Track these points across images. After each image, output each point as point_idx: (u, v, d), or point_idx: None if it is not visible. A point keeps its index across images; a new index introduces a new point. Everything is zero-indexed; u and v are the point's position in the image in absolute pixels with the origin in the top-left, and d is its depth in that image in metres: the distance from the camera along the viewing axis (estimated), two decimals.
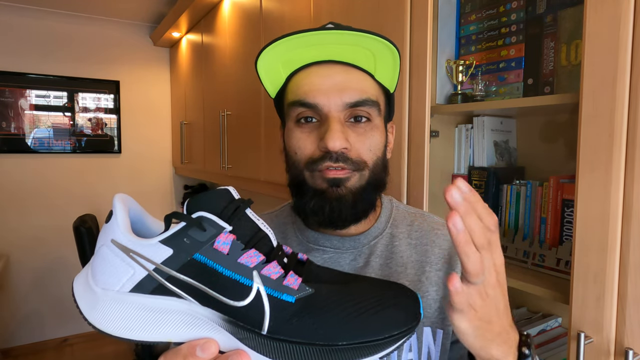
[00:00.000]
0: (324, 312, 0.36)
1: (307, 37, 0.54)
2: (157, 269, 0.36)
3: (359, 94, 0.57)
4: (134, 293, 0.37)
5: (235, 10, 2.08)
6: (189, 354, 0.36)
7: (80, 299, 0.39)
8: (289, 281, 0.37)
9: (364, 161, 0.58)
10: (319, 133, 0.57)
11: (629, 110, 0.65)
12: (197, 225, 0.36)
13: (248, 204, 0.39)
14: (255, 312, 0.35)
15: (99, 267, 0.38)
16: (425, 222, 0.69)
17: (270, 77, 0.60)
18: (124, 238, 0.37)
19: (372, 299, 0.37)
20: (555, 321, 1.05)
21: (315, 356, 0.35)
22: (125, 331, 0.37)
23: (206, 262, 0.36)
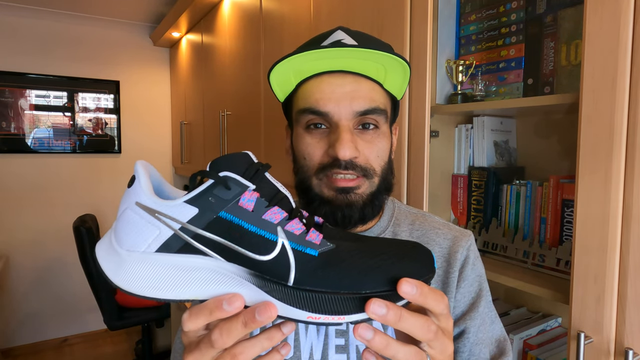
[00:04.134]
0: (346, 264, 0.37)
1: (322, 52, 0.55)
2: (183, 227, 0.37)
3: (369, 102, 0.58)
4: (160, 253, 0.37)
5: (235, 10, 2.08)
6: (215, 308, 0.37)
7: (104, 262, 0.39)
8: (311, 237, 0.38)
9: (373, 168, 0.59)
10: (329, 140, 0.58)
11: (629, 110, 0.65)
12: (222, 184, 0.37)
13: (267, 167, 0.41)
14: (281, 265, 0.36)
15: (123, 230, 0.38)
16: (426, 222, 0.69)
17: (280, 84, 0.61)
18: (149, 200, 0.38)
19: (390, 252, 0.39)
20: (555, 321, 1.05)
21: (340, 304, 0.36)
22: (152, 290, 0.37)
23: (232, 220, 0.37)
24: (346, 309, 0.36)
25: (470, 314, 0.63)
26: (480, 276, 0.67)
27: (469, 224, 1.11)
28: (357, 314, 0.36)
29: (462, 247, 0.65)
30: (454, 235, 0.67)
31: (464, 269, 0.64)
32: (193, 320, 0.38)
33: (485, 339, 0.63)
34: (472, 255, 0.66)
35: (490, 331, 0.65)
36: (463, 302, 0.64)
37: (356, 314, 0.36)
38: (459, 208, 1.14)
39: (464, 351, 0.61)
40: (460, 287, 0.64)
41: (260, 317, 0.36)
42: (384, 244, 0.40)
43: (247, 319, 0.36)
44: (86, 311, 3.13)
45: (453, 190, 1.15)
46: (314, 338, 0.60)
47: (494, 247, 1.03)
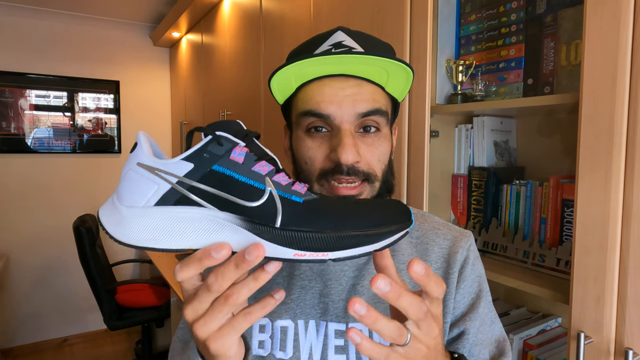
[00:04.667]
0: (329, 209, 0.41)
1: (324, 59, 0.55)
2: (179, 181, 0.40)
3: (371, 104, 0.58)
4: (159, 206, 0.40)
5: (235, 10, 2.08)
6: (204, 256, 0.39)
7: (106, 221, 0.42)
8: (297, 187, 0.42)
9: (375, 173, 0.59)
10: (330, 144, 0.57)
11: (629, 110, 0.65)
12: (216, 140, 0.41)
13: (256, 134, 0.44)
14: (269, 210, 0.40)
15: (125, 189, 0.41)
16: (426, 222, 0.69)
17: (281, 88, 0.61)
18: (149, 160, 0.41)
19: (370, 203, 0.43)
20: (555, 321, 1.05)
21: (323, 242, 0.39)
22: (150, 241, 0.40)
23: (224, 171, 0.41)
24: (329, 246, 0.39)
25: (469, 315, 0.63)
26: (480, 277, 0.67)
27: (469, 224, 1.11)
28: (339, 251, 0.40)
29: (461, 248, 0.65)
30: (454, 235, 0.67)
31: (463, 270, 0.64)
32: (184, 269, 0.40)
33: (485, 340, 0.63)
34: (472, 256, 0.66)
35: (489, 331, 0.65)
36: (463, 303, 0.64)
37: (338, 250, 0.40)
38: (459, 208, 1.14)
39: (463, 352, 0.61)
40: (460, 288, 0.64)
41: (249, 256, 0.38)
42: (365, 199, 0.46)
43: (238, 260, 0.39)
44: (86, 311, 3.13)
45: (453, 190, 1.15)
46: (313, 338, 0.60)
47: (494, 247, 1.03)
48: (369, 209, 0.42)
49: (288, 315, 0.61)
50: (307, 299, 0.61)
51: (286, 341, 0.60)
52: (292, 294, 0.62)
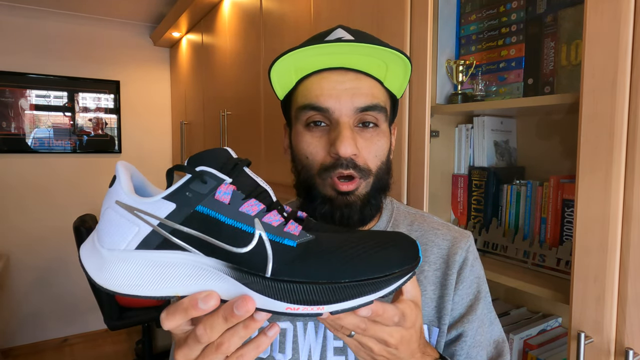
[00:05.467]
0: (325, 254, 0.37)
1: (324, 47, 0.55)
2: (161, 223, 0.37)
3: (370, 99, 0.58)
4: (140, 250, 0.38)
5: (235, 10, 2.08)
6: (190, 306, 0.37)
7: (87, 263, 0.39)
8: (290, 228, 0.38)
9: (369, 168, 0.59)
10: (329, 138, 0.58)
11: (629, 110, 0.65)
12: (199, 178, 0.38)
13: (246, 162, 0.41)
14: (259, 257, 0.37)
15: (104, 229, 0.39)
16: (425, 222, 0.69)
17: (281, 81, 0.61)
18: (128, 198, 0.38)
19: (371, 242, 0.38)
20: (555, 321, 1.05)
21: (318, 294, 0.36)
22: (132, 288, 0.38)
23: (209, 213, 0.37)
24: (325, 298, 0.36)
25: (468, 317, 0.62)
26: (478, 278, 0.66)
27: (469, 224, 1.11)
28: (337, 303, 0.36)
29: (461, 249, 0.65)
30: (453, 236, 0.67)
31: (462, 271, 0.64)
32: (170, 319, 0.39)
33: (483, 341, 0.63)
34: (471, 257, 0.66)
35: (488, 332, 0.65)
36: (461, 304, 0.64)
37: (335, 303, 0.36)
38: (459, 208, 1.14)
39: (461, 354, 0.61)
40: (458, 289, 0.63)
41: (238, 311, 0.36)
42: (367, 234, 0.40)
43: (226, 314, 0.37)
44: (86, 311, 3.13)
45: (453, 190, 1.15)
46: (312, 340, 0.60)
47: (494, 247, 1.03)
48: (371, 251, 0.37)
49: (286, 318, 0.61)
50: None
51: (285, 343, 0.60)
52: None
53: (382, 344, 0.43)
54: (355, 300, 0.36)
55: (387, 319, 0.40)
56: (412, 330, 0.44)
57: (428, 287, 0.63)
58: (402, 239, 0.40)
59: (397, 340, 0.43)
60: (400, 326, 0.43)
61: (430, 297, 0.63)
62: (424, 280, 0.63)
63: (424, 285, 0.63)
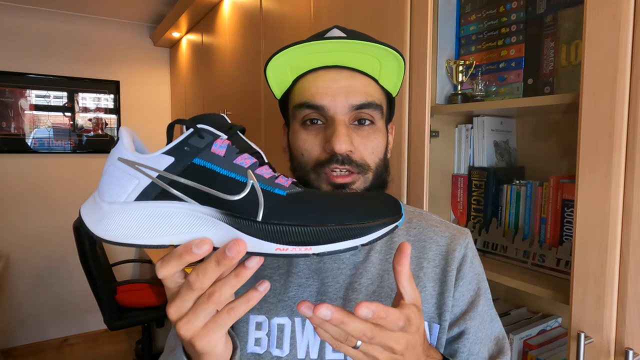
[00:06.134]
0: (313, 202, 0.40)
1: (318, 45, 0.56)
2: (160, 175, 0.39)
3: (365, 96, 0.58)
4: (139, 201, 0.39)
5: (235, 10, 2.08)
6: (184, 252, 0.38)
7: (87, 217, 0.41)
8: (280, 181, 0.41)
9: (367, 164, 0.60)
10: (325, 135, 0.58)
11: (629, 110, 0.65)
12: (197, 133, 0.40)
13: (240, 127, 0.44)
14: (251, 204, 0.39)
15: (105, 184, 0.41)
16: (424, 220, 0.69)
17: (277, 80, 0.62)
18: (130, 154, 0.40)
19: (357, 196, 0.42)
20: (555, 321, 1.05)
21: (306, 236, 0.38)
22: (131, 238, 0.39)
23: (205, 165, 0.39)
24: (312, 240, 0.38)
25: (469, 314, 0.63)
26: (478, 274, 0.67)
27: (469, 224, 1.11)
28: (323, 244, 0.38)
29: (460, 246, 0.65)
30: (452, 233, 0.67)
31: (462, 267, 0.64)
32: (165, 266, 0.40)
33: (485, 338, 0.63)
34: (470, 254, 0.66)
35: (489, 329, 0.65)
36: (462, 301, 0.64)
37: (322, 245, 0.38)
38: (459, 208, 1.14)
39: (464, 351, 0.61)
40: (459, 286, 0.64)
41: (230, 252, 0.37)
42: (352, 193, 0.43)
43: (219, 257, 0.38)
44: (86, 311, 3.13)
45: (453, 190, 1.15)
46: (310, 336, 0.60)
47: (494, 247, 1.03)
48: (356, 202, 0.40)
49: (285, 313, 0.61)
50: (304, 297, 0.61)
51: (283, 339, 0.60)
52: (289, 292, 0.62)
53: (388, 351, 0.43)
54: (340, 242, 0.38)
55: (391, 323, 0.40)
56: (417, 335, 0.44)
57: (427, 283, 0.63)
58: (387, 197, 0.42)
59: (403, 346, 0.42)
60: (406, 332, 0.42)
61: (430, 294, 0.63)
62: (424, 277, 0.63)
63: (423, 282, 0.63)
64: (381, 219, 0.39)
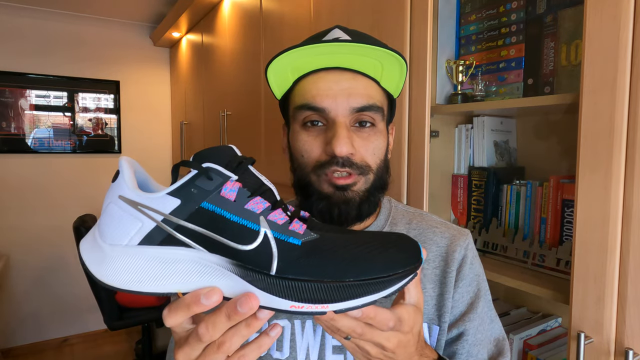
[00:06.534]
0: (330, 253, 0.37)
1: (320, 47, 0.56)
2: (165, 219, 0.37)
3: (366, 99, 0.58)
4: (143, 245, 0.37)
5: (235, 10, 2.08)
6: (192, 302, 0.37)
7: (88, 258, 0.39)
8: (295, 227, 0.38)
9: (369, 165, 0.59)
10: (326, 137, 0.58)
11: (629, 110, 0.65)
12: (204, 174, 0.37)
13: (251, 160, 0.41)
14: (264, 255, 0.36)
15: (106, 224, 0.38)
16: (424, 221, 0.69)
17: (278, 81, 0.62)
18: (132, 193, 0.38)
19: (375, 242, 0.39)
20: (555, 321, 1.05)
21: (323, 293, 0.36)
22: (134, 284, 0.37)
23: (214, 210, 0.37)
24: (329, 297, 0.36)
25: (469, 315, 0.62)
26: (478, 275, 0.66)
27: (469, 224, 1.11)
28: (341, 302, 0.36)
29: (460, 247, 0.65)
30: (452, 234, 0.67)
31: (462, 268, 0.64)
32: (172, 316, 0.38)
33: (484, 339, 0.63)
34: (470, 255, 0.66)
35: (489, 330, 0.65)
36: (462, 302, 0.64)
37: (340, 302, 0.36)
38: (459, 208, 1.14)
39: (463, 352, 0.61)
40: (459, 287, 0.64)
41: (241, 309, 0.36)
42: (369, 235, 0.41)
43: (229, 311, 0.37)
44: (86, 311, 3.13)
45: (453, 190, 1.15)
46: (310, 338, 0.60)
47: (494, 247, 1.03)
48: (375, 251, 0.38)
49: (284, 315, 0.61)
50: None
51: (283, 341, 0.60)
52: None
53: (378, 347, 0.43)
54: (359, 299, 0.36)
55: (380, 323, 0.40)
56: (410, 334, 0.44)
57: (427, 285, 0.63)
58: (405, 241, 0.40)
59: (394, 344, 0.43)
60: (397, 330, 0.42)
61: (430, 295, 0.63)
62: (423, 279, 0.63)
63: (423, 283, 0.63)
64: (402, 270, 0.37)
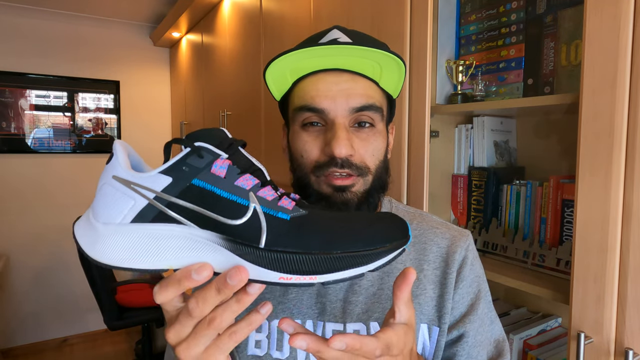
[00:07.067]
0: (318, 227, 0.38)
1: (318, 50, 0.56)
2: (157, 197, 0.38)
3: (365, 99, 0.58)
4: (135, 223, 0.38)
5: (235, 10, 2.08)
6: (183, 277, 0.37)
7: (82, 238, 0.39)
8: (284, 202, 0.39)
9: (368, 166, 0.59)
10: (325, 138, 0.58)
11: (629, 110, 0.65)
12: (195, 153, 0.38)
13: (241, 142, 0.42)
14: (253, 229, 0.37)
15: (100, 204, 0.39)
16: (424, 222, 0.69)
17: (276, 83, 0.62)
18: (125, 173, 0.38)
19: (363, 219, 0.40)
20: (555, 321, 1.05)
21: (311, 264, 0.37)
22: (127, 261, 0.38)
23: (204, 186, 0.38)
24: (317, 268, 0.37)
25: (469, 317, 0.62)
26: (479, 277, 0.66)
27: (469, 224, 1.11)
28: (329, 273, 0.37)
29: (460, 247, 0.65)
30: (453, 235, 0.67)
31: (462, 270, 0.64)
32: (163, 291, 0.39)
33: (484, 341, 0.63)
34: (471, 256, 0.66)
35: (489, 332, 0.65)
36: (462, 304, 0.63)
37: (327, 274, 0.37)
38: (459, 208, 1.14)
39: (462, 354, 0.61)
40: (459, 288, 0.63)
41: (231, 281, 0.36)
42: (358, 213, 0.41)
43: (219, 285, 0.37)
44: (86, 311, 3.13)
45: (453, 190, 1.15)
46: None
47: (494, 247, 1.03)
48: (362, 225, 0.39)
49: (285, 315, 0.61)
50: (304, 299, 0.61)
51: (283, 341, 0.60)
52: (289, 294, 0.62)
53: None
54: (346, 271, 0.37)
55: (367, 353, 0.39)
56: (400, 356, 0.43)
57: (428, 286, 0.63)
58: (393, 218, 0.41)
59: None
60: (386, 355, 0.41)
61: (430, 296, 0.63)
62: (424, 279, 0.63)
63: (423, 284, 0.63)
64: (389, 244, 0.38)
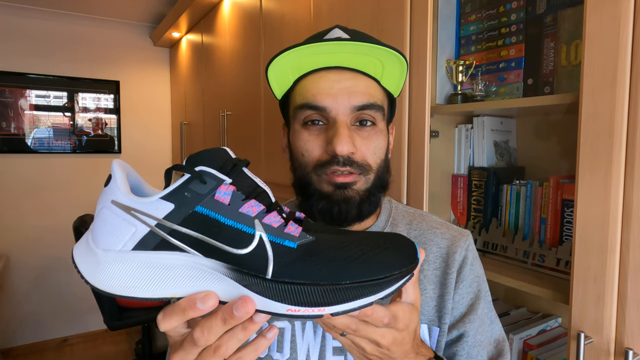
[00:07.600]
0: (326, 255, 0.37)
1: (321, 46, 0.55)
2: (159, 224, 0.36)
3: (367, 97, 0.58)
4: (137, 251, 0.37)
5: (235, 10, 2.08)
6: (188, 307, 0.36)
7: (81, 263, 0.38)
8: (290, 229, 0.38)
9: (369, 165, 0.59)
10: (327, 136, 0.58)
11: (629, 110, 0.65)
12: (198, 178, 0.37)
13: (245, 162, 0.40)
14: (259, 258, 0.36)
15: (99, 229, 0.38)
16: (424, 222, 0.69)
17: (278, 81, 0.61)
18: (125, 198, 0.37)
19: (371, 244, 0.38)
20: (555, 321, 1.05)
21: (319, 296, 0.36)
22: (129, 290, 0.37)
23: (208, 214, 0.37)
24: (326, 300, 0.36)
25: (469, 317, 0.62)
26: (479, 277, 0.66)
27: (469, 224, 1.11)
28: (337, 305, 0.36)
29: (460, 248, 0.65)
30: (453, 235, 0.67)
31: (462, 270, 0.64)
32: (167, 320, 0.38)
33: (484, 340, 0.63)
34: (471, 256, 0.66)
35: (488, 332, 0.65)
36: (462, 304, 0.63)
37: (336, 305, 0.36)
38: (459, 208, 1.14)
39: (462, 354, 0.61)
40: (459, 288, 0.63)
41: (238, 312, 0.36)
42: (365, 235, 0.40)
43: (225, 316, 0.36)
44: (86, 311, 3.13)
45: (453, 190, 1.15)
46: (310, 339, 0.60)
47: (494, 247, 1.03)
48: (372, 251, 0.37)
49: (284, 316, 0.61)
50: None
51: (283, 342, 0.60)
52: None
53: (374, 344, 0.43)
54: (355, 301, 0.36)
55: (376, 320, 0.40)
56: (405, 332, 0.44)
57: (428, 286, 0.63)
58: (401, 241, 0.40)
59: (389, 341, 0.43)
60: (392, 328, 0.42)
61: (430, 297, 0.63)
62: (424, 280, 0.63)
63: (423, 284, 0.63)
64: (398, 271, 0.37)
